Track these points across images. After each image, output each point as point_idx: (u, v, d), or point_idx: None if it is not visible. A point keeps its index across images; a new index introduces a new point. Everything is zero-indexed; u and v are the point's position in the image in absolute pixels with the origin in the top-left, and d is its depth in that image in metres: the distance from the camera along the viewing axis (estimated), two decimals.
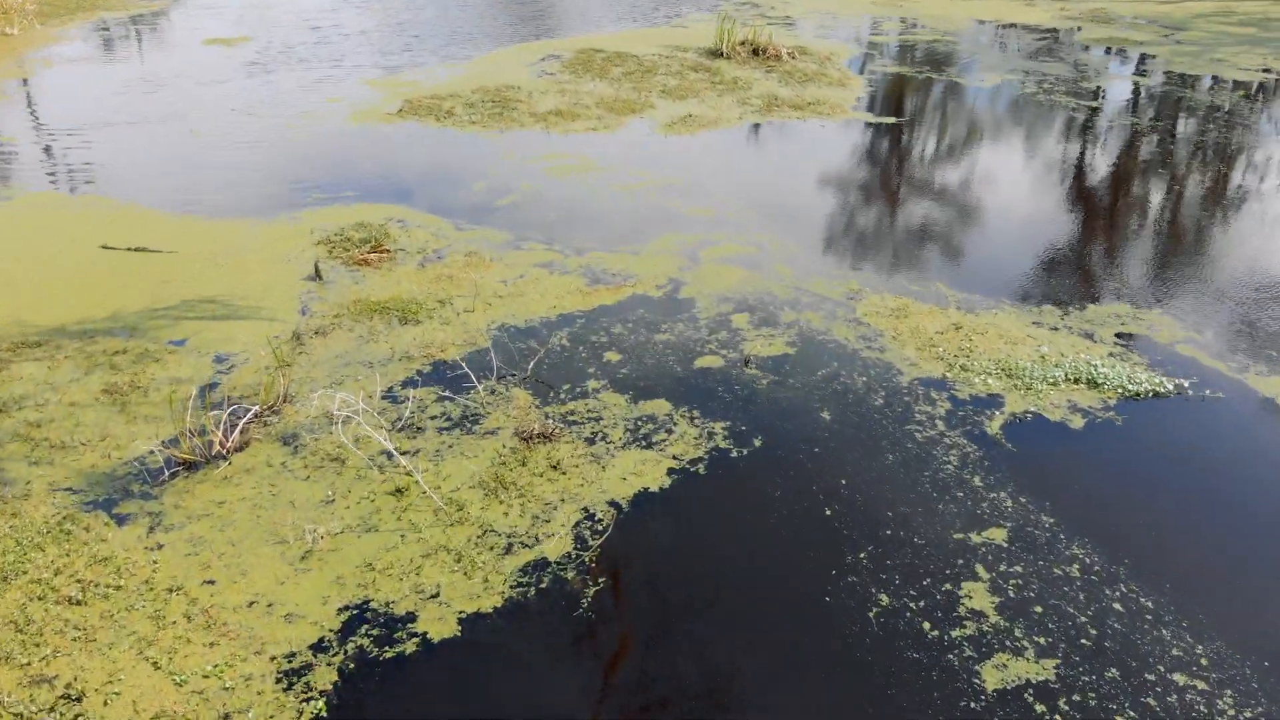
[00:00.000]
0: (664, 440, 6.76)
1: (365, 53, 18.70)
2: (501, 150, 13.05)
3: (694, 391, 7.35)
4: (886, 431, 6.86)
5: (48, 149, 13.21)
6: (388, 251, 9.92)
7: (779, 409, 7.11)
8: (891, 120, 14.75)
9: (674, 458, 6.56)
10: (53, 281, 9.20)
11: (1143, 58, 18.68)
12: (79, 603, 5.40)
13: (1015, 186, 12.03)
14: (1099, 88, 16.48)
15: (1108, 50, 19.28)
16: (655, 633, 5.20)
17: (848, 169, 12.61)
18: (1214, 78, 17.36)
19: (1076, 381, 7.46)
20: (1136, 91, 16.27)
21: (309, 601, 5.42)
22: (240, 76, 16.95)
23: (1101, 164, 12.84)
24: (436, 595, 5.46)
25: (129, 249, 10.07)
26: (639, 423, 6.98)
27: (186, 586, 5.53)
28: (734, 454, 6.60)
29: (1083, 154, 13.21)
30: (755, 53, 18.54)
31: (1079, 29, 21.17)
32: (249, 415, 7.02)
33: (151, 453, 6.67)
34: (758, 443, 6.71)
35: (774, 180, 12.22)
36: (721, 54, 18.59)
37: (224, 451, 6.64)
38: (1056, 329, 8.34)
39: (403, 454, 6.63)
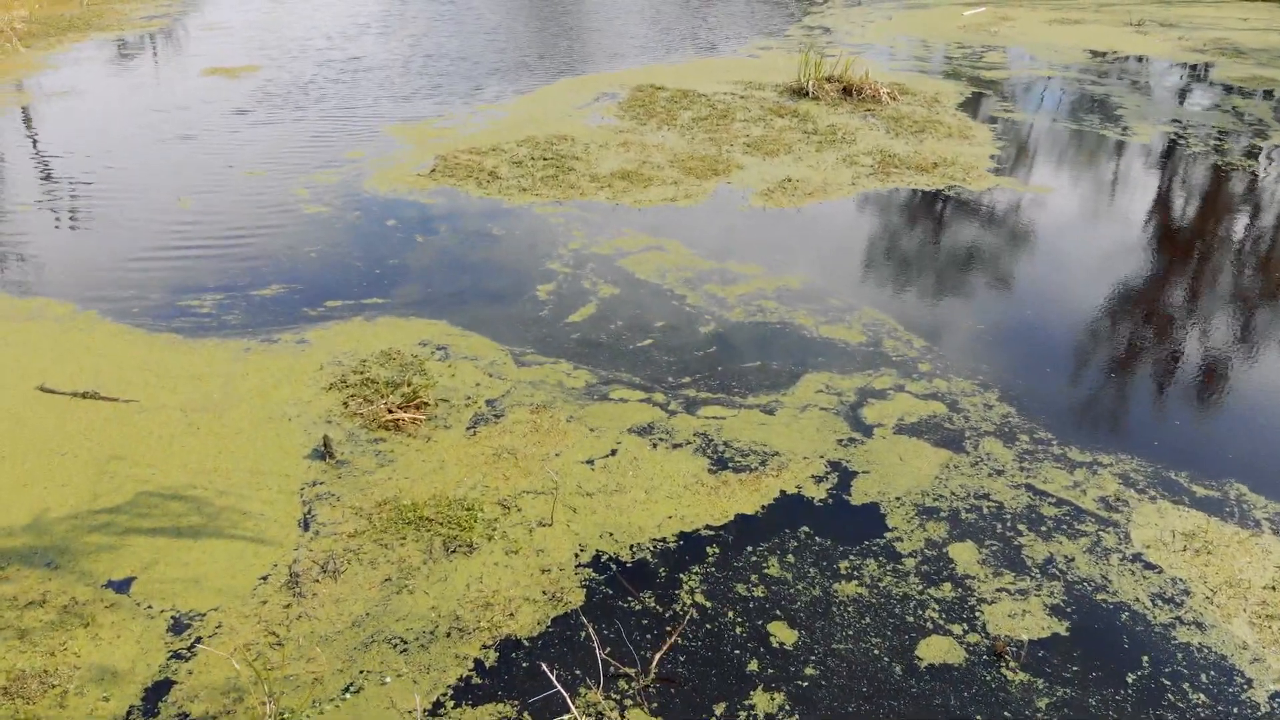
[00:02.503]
0: None
1: (388, 90, 16.00)
2: (564, 231, 10.29)
3: None
4: None
5: None
6: (425, 405, 7.15)
7: None
8: (1047, 190, 11.90)
9: None
10: None
11: None
12: None
13: (1271, 303, 9.15)
14: None
15: (1260, 94, 16.35)
16: None
17: (1021, 267, 9.76)
18: None
19: None
20: None
21: None
22: (241, 120, 14.27)
23: None
24: None
25: (74, 394, 7.36)
26: None
27: None
28: None
29: None
30: (847, 92, 15.75)
31: (1212, 65, 18.27)
32: None
33: None
34: None
35: (927, 282, 9.40)
36: (806, 93, 15.81)
37: None
38: None
39: None
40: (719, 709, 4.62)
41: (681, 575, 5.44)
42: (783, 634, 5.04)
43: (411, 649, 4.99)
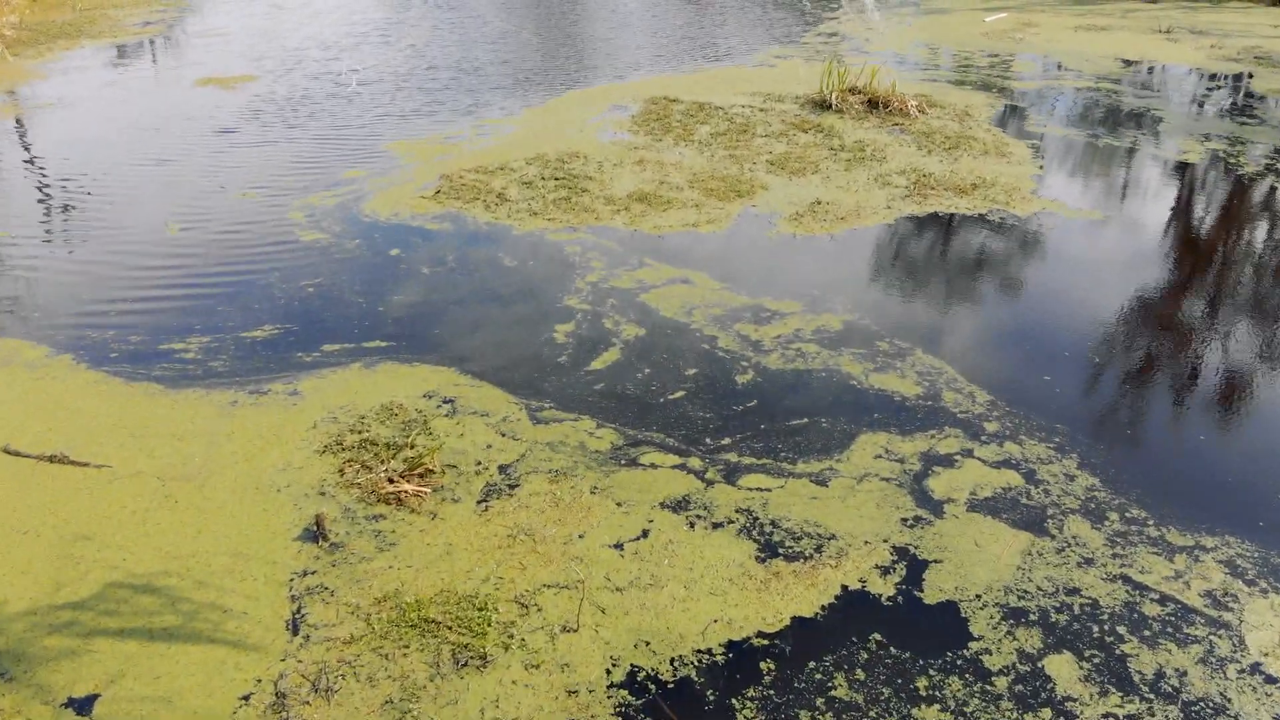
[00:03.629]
0: None
1: (390, 101, 15.21)
2: (580, 262, 9.50)
3: None
4: None
5: None
6: (431, 472, 6.35)
7: None
8: (1099, 214, 11.09)
9: None
10: None
11: None
12: None
13: None
14: None
15: None
16: None
17: (1083, 304, 8.94)
18: None
19: None
20: None
21: None
22: (234, 137, 13.47)
23: None
24: None
25: (41, 457, 6.57)
26: None
27: None
28: None
29: None
30: (872, 104, 14.95)
31: (1250, 76, 17.47)
32: None
33: None
34: None
35: (981, 322, 8.60)
36: (829, 105, 15.01)
37: None
38: None
39: None
40: None
41: (734, 700, 4.64)
42: None
43: None
